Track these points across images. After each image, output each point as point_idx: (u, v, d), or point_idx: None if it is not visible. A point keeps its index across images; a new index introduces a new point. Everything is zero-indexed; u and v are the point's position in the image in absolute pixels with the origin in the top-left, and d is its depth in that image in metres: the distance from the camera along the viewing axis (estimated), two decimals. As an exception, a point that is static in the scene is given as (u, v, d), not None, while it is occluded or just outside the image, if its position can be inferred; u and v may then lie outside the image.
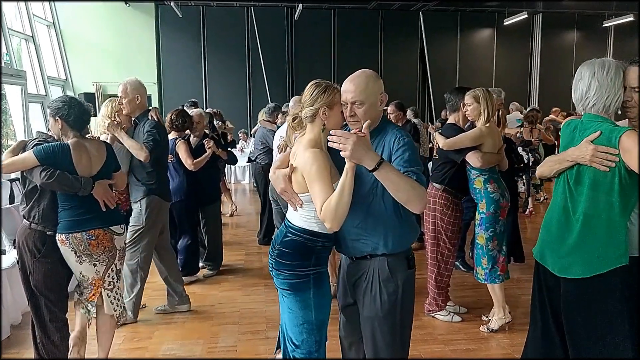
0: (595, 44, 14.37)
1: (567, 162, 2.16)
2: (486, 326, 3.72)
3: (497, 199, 3.59)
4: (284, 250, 2.18)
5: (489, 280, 3.66)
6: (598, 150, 2.02)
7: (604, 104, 2.11)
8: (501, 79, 13.96)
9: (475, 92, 3.62)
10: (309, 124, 2.16)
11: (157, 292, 4.58)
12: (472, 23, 14.17)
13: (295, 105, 4.70)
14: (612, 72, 2.09)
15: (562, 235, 2.19)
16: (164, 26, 13.00)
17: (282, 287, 2.22)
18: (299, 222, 2.17)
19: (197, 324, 3.92)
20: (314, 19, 13.29)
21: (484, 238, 3.63)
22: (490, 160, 3.56)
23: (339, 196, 1.93)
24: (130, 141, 3.74)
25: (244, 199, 9.95)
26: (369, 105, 2.07)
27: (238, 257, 5.71)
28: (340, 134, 1.89)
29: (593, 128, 2.09)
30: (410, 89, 13.95)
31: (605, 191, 2.06)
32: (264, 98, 12.87)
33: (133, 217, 3.90)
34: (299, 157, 2.11)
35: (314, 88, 2.14)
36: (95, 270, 2.94)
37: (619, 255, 2.06)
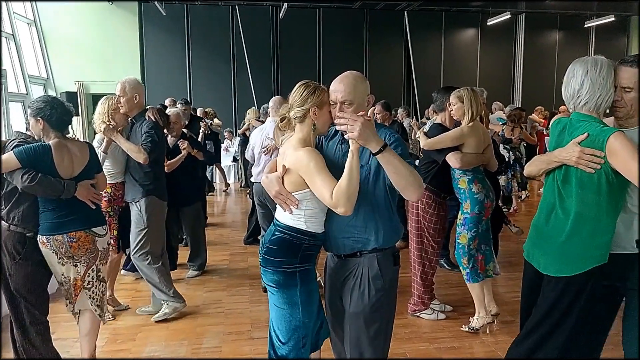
0: (577, 44, 14.56)
1: (555, 162, 2.18)
2: (467, 326, 3.73)
3: (481, 200, 3.57)
4: (271, 247, 2.22)
5: (470, 280, 3.66)
6: (584, 152, 2.03)
7: (595, 102, 2.12)
8: (485, 78, 14.07)
9: (460, 92, 3.59)
10: (298, 125, 2.16)
11: (140, 293, 4.55)
12: (456, 23, 14.26)
13: (276, 105, 4.67)
14: (605, 71, 2.10)
15: (550, 233, 2.22)
16: (147, 24, 12.87)
17: (270, 284, 2.25)
18: (287, 220, 2.20)
19: (181, 325, 3.88)
20: (299, 17, 13.27)
21: (467, 238, 3.61)
22: (470, 161, 3.50)
23: (348, 178, 1.98)
24: (128, 144, 3.71)
25: (229, 199, 9.89)
26: (357, 105, 2.10)
27: (223, 258, 5.68)
28: (348, 115, 1.96)
29: (582, 128, 2.10)
30: (395, 88, 13.99)
31: (593, 191, 2.08)
32: (249, 97, 12.82)
33: (134, 220, 3.88)
34: (291, 157, 2.12)
35: (303, 88, 2.14)
36: (77, 271, 2.93)
37: (599, 254, 2.10)
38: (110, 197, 3.94)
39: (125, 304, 4.22)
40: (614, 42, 14.76)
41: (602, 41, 14.64)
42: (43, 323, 2.95)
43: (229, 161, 11.09)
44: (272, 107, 4.71)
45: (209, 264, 5.39)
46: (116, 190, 3.96)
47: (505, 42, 14.57)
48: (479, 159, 3.56)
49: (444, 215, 3.85)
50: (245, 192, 9.77)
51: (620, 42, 14.88)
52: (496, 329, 3.73)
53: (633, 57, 2.15)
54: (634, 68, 2.09)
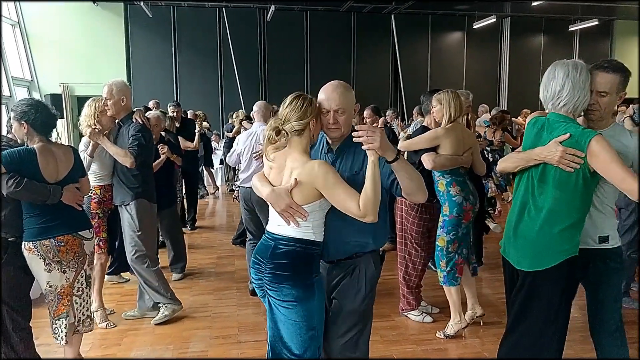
0: (562, 48, 14.72)
1: (534, 160, 2.22)
2: (442, 332, 3.69)
3: (460, 202, 3.53)
4: (281, 262, 2.14)
5: (447, 283, 3.64)
6: (566, 152, 2.09)
7: (574, 104, 2.18)
8: (471, 81, 14.17)
9: (440, 95, 3.59)
10: (297, 137, 2.13)
11: (126, 297, 4.51)
12: (442, 26, 14.36)
13: (261, 110, 4.64)
14: (584, 75, 2.17)
15: (523, 229, 2.29)
16: (133, 26, 12.78)
17: (286, 300, 2.14)
18: (292, 233, 2.14)
19: (167, 330, 3.85)
20: (286, 20, 13.26)
21: (445, 241, 3.59)
22: (444, 162, 3.45)
23: (373, 188, 2.02)
24: (115, 148, 3.68)
25: (217, 202, 9.84)
26: (348, 113, 2.19)
27: (210, 261, 5.64)
28: (366, 128, 2.01)
29: (561, 128, 2.16)
30: (383, 90, 14.04)
31: (568, 190, 2.15)
32: (236, 99, 12.78)
33: (127, 225, 3.85)
34: (303, 170, 2.08)
35: (301, 101, 2.12)
36: (65, 278, 2.88)
37: (569, 247, 2.21)
38: (99, 198, 3.91)
39: (111, 308, 4.17)
40: (597, 46, 14.96)
41: (585, 45, 14.83)
42: (25, 329, 2.91)
43: (216, 163, 11.02)
44: (256, 111, 4.68)
45: (196, 267, 5.35)
46: (105, 191, 3.93)
47: (491, 45, 14.70)
48: (453, 161, 3.48)
49: (428, 218, 3.82)
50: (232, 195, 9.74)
51: (604, 45, 15.08)
52: (482, 330, 3.75)
53: (608, 62, 2.26)
54: (610, 73, 2.20)
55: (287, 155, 2.15)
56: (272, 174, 2.20)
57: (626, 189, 2.05)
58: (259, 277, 2.21)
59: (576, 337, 3.63)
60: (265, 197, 2.16)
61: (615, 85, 2.22)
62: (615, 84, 2.22)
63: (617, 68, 2.23)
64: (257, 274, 2.22)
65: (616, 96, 2.25)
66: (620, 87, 2.24)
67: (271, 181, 2.20)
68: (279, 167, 2.17)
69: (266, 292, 2.20)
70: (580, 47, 14.88)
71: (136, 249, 3.85)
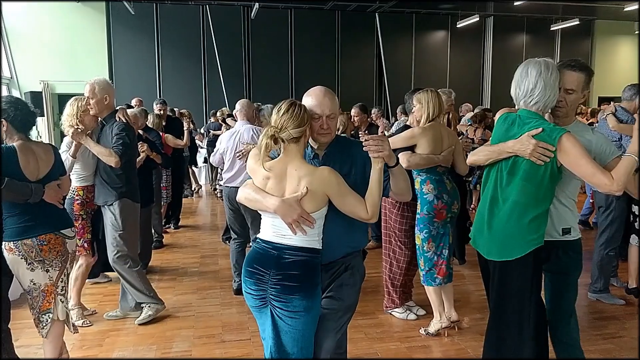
0: (544, 47, 14.88)
1: (507, 153, 2.30)
2: (424, 329, 3.71)
3: (430, 200, 3.52)
4: (291, 272, 2.08)
5: (425, 282, 3.65)
6: (538, 145, 2.17)
7: (544, 102, 2.28)
8: (455, 79, 14.27)
9: (420, 94, 3.60)
10: (294, 144, 2.12)
11: (108, 297, 4.46)
12: (426, 25, 14.43)
13: (244, 108, 4.59)
14: (554, 74, 2.27)
15: (492, 220, 2.36)
16: (115, 23, 12.63)
17: (294, 311, 2.09)
18: (297, 242, 2.11)
19: (150, 330, 3.81)
20: (270, 18, 13.21)
21: (420, 239, 3.61)
22: (419, 162, 3.45)
23: (379, 193, 2.12)
24: (99, 147, 3.63)
25: (201, 201, 9.78)
26: (337, 118, 2.25)
27: (193, 260, 5.61)
28: (377, 137, 2.11)
29: (532, 124, 2.24)
30: (367, 88, 14.08)
31: (535, 182, 2.25)
32: (220, 97, 12.71)
33: (109, 225, 3.79)
34: (313, 177, 2.07)
35: (298, 109, 2.10)
36: (48, 277, 2.83)
37: (536, 237, 2.30)
38: (82, 200, 3.85)
39: (92, 308, 4.12)
40: (578, 45, 15.17)
41: (567, 44, 15.02)
42: (4, 331, 2.85)
43: (200, 162, 10.95)
44: (239, 110, 4.62)
45: (179, 266, 5.32)
46: (88, 192, 3.87)
47: (474, 44, 14.82)
48: (429, 160, 3.48)
49: (410, 216, 3.81)
50: (215, 194, 9.68)
51: (585, 45, 15.30)
52: (467, 326, 3.77)
53: (575, 61, 2.38)
54: (576, 72, 2.33)
55: (287, 164, 2.12)
56: (270, 184, 2.14)
57: (596, 183, 2.15)
58: (260, 289, 2.13)
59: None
60: (274, 209, 2.08)
61: (581, 83, 2.35)
62: (581, 82, 2.35)
63: (583, 67, 2.36)
64: (258, 284, 2.13)
65: (581, 94, 2.38)
66: (585, 85, 2.37)
67: (270, 191, 2.13)
68: (279, 177, 2.12)
69: (269, 304, 2.13)
70: (561, 46, 15.07)
71: (118, 249, 3.80)
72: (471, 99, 11.27)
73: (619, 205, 4.20)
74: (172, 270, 5.22)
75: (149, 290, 3.93)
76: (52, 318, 2.90)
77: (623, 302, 4.23)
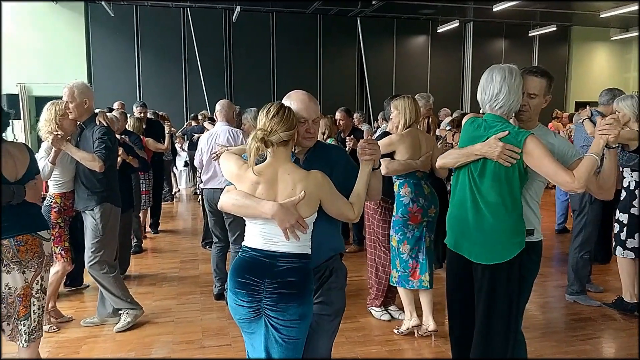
0: (522, 52, 15.12)
1: (475, 155, 2.37)
2: (397, 328, 3.78)
3: (406, 203, 3.57)
4: (287, 280, 2.03)
5: (399, 284, 3.68)
6: (505, 148, 2.26)
7: (509, 106, 2.37)
8: (435, 84, 14.39)
9: (397, 100, 3.66)
10: (282, 148, 2.07)
11: (84, 304, 4.39)
12: (407, 30, 14.53)
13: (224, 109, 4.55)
14: (518, 79, 2.36)
15: (476, 224, 2.39)
16: (94, 25, 12.46)
17: (291, 319, 2.04)
18: (290, 249, 2.06)
19: (128, 336, 3.75)
20: (252, 21, 13.16)
21: (396, 241, 3.65)
22: (397, 168, 3.52)
23: (365, 194, 2.18)
24: (81, 153, 3.57)
25: (181, 205, 9.69)
26: (319, 122, 2.28)
27: (173, 265, 5.55)
28: (371, 141, 2.20)
29: (498, 127, 2.33)
30: (349, 92, 14.10)
31: (507, 183, 2.32)
32: (201, 100, 12.62)
33: (90, 230, 3.72)
34: (307, 181, 2.04)
35: (288, 112, 2.07)
36: (24, 278, 2.78)
37: (520, 240, 2.37)
38: (60, 207, 3.78)
39: (69, 315, 4.05)
40: (555, 50, 15.43)
41: (544, 49, 15.26)
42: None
43: (180, 165, 10.86)
44: (219, 111, 4.59)
45: (159, 271, 5.26)
46: (66, 199, 3.80)
47: (455, 49, 14.96)
48: (407, 166, 3.54)
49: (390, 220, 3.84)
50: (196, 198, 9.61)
51: (562, 50, 15.56)
52: (447, 330, 3.78)
53: (536, 67, 2.49)
54: (538, 77, 2.43)
55: (277, 168, 2.07)
56: (260, 189, 2.06)
57: (559, 181, 2.24)
58: (254, 300, 2.05)
59: (536, 335, 3.73)
60: (271, 214, 2.01)
61: (543, 88, 2.44)
62: (543, 87, 2.44)
63: (545, 73, 2.46)
64: (252, 295, 2.05)
65: (543, 98, 2.47)
66: (547, 90, 2.46)
67: (261, 197, 2.06)
68: (269, 181, 2.07)
69: (263, 314, 2.06)
70: (539, 51, 15.31)
71: (95, 254, 3.74)
72: (451, 103, 11.37)
73: (592, 209, 4.26)
74: (151, 276, 5.16)
75: (126, 295, 3.87)
76: (33, 323, 2.84)
77: (599, 304, 4.30)
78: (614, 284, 4.82)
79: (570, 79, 15.64)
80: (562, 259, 5.55)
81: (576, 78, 15.67)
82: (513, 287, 2.39)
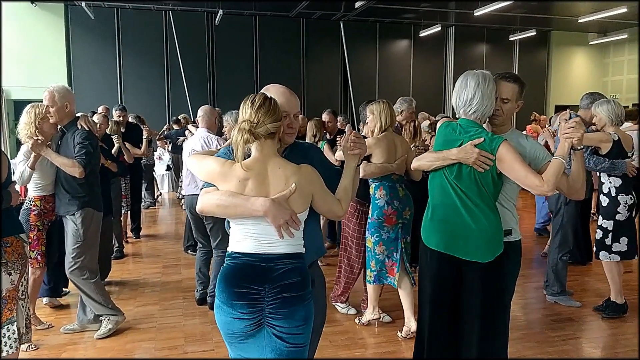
0: (503, 56, 15.32)
1: (451, 160, 2.42)
2: (358, 318, 4.00)
3: (381, 206, 3.67)
4: (290, 282, 1.91)
5: (376, 280, 3.80)
6: (481, 154, 2.33)
7: (482, 112, 2.43)
8: (418, 88, 14.50)
9: (372, 105, 3.76)
10: (270, 141, 1.95)
11: (64, 311, 4.32)
12: (390, 34, 14.62)
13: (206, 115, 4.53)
14: (491, 85, 2.43)
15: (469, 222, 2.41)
16: (74, 28, 12.31)
17: (296, 325, 1.92)
18: (285, 249, 1.94)
19: (109, 343, 3.70)
20: (235, 24, 13.13)
21: (371, 242, 3.75)
22: (373, 170, 3.61)
23: (353, 190, 2.12)
24: (61, 159, 3.52)
25: (163, 210, 9.60)
26: (299, 118, 2.27)
27: (155, 270, 5.49)
28: (359, 136, 2.16)
29: (473, 132, 2.41)
30: (333, 96, 14.13)
31: (484, 186, 2.39)
32: (184, 103, 12.54)
33: (71, 235, 3.65)
34: (300, 175, 1.94)
35: (274, 103, 1.96)
36: (10, 280, 2.76)
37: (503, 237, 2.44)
38: (39, 210, 3.71)
39: (48, 322, 3.98)
40: (535, 55, 15.66)
41: (525, 53, 15.49)
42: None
43: (162, 170, 10.75)
44: (201, 116, 4.57)
45: (141, 277, 5.19)
46: (46, 202, 3.74)
47: (437, 53, 15.09)
48: (384, 169, 3.64)
49: (365, 224, 3.88)
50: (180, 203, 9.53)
51: (541, 54, 15.80)
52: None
53: (509, 73, 2.56)
54: (511, 83, 2.50)
55: (266, 162, 1.94)
56: (250, 186, 1.91)
57: (529, 185, 2.31)
58: (256, 310, 1.89)
59: (518, 336, 3.77)
60: (264, 211, 1.87)
61: (515, 93, 2.52)
62: (515, 92, 2.52)
63: (517, 79, 2.54)
64: (254, 305, 1.88)
65: (515, 103, 2.54)
66: (519, 95, 2.54)
67: (251, 194, 1.91)
68: (260, 177, 1.92)
69: (265, 325, 1.91)
70: (519, 55, 15.52)
71: (76, 260, 3.67)
72: (434, 107, 11.44)
73: (567, 211, 4.32)
74: (133, 281, 5.10)
75: (107, 302, 3.82)
76: (18, 327, 2.81)
77: (579, 304, 4.36)
78: (593, 285, 4.90)
79: (550, 82, 15.88)
80: (543, 260, 5.62)
81: (556, 82, 15.92)
82: (505, 284, 2.48)
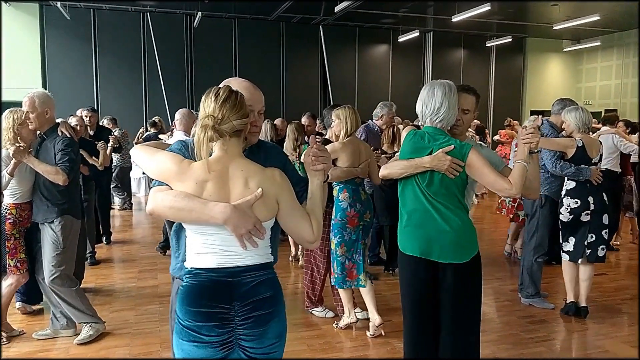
0: (480, 62, 15.55)
1: (424, 167, 2.49)
2: (336, 323, 3.99)
3: (344, 208, 3.77)
4: (260, 297, 1.72)
5: (337, 285, 3.86)
6: (452, 162, 2.41)
7: (447, 120, 2.55)
8: (397, 92, 14.60)
9: (338, 110, 3.85)
10: (235, 139, 1.75)
11: (36, 317, 4.22)
12: (369, 38, 14.71)
13: (184, 118, 4.50)
14: (456, 95, 2.55)
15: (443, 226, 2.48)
16: (49, 28, 12.09)
17: (270, 344, 1.75)
18: (253, 260, 1.74)
19: (82, 349, 3.63)
20: (214, 27, 13.06)
21: (334, 244, 3.83)
22: (339, 174, 3.71)
23: (322, 211, 1.83)
24: (43, 166, 3.45)
25: (139, 213, 9.47)
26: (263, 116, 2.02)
27: (130, 275, 5.41)
28: (322, 147, 1.85)
29: (442, 140, 2.50)
30: (312, 99, 14.14)
31: (455, 191, 2.49)
32: (162, 106, 12.41)
33: (49, 243, 3.58)
34: (263, 178, 1.72)
35: (240, 97, 1.76)
36: None
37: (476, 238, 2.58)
38: (15, 219, 3.62)
39: (20, 329, 3.89)
40: (511, 61, 15.94)
41: (501, 59, 15.74)
42: None
43: (138, 173, 10.61)
44: (179, 120, 4.54)
45: (116, 282, 5.12)
46: (22, 210, 3.65)
47: (415, 58, 15.23)
48: (349, 173, 3.74)
49: (330, 224, 3.91)
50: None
51: (517, 60, 16.07)
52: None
53: (467, 86, 2.72)
54: (470, 95, 2.66)
55: (228, 163, 1.72)
56: (210, 189, 1.69)
57: (498, 188, 2.43)
58: (226, 331, 1.69)
59: (492, 338, 3.82)
60: (223, 219, 1.64)
61: (473, 104, 2.68)
62: (474, 104, 2.68)
63: (475, 91, 2.71)
64: (223, 326, 1.69)
65: (473, 114, 2.70)
66: (476, 106, 2.71)
67: (209, 198, 1.68)
68: (221, 179, 1.70)
69: (236, 347, 1.72)
70: (496, 61, 15.76)
71: (57, 268, 3.60)
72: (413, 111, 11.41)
73: (542, 213, 4.41)
74: (108, 287, 5.01)
75: (88, 308, 3.76)
76: None
77: (553, 306, 4.43)
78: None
79: (525, 88, 16.17)
80: (517, 263, 5.70)
81: (531, 87, 16.21)
82: (478, 284, 2.59)
